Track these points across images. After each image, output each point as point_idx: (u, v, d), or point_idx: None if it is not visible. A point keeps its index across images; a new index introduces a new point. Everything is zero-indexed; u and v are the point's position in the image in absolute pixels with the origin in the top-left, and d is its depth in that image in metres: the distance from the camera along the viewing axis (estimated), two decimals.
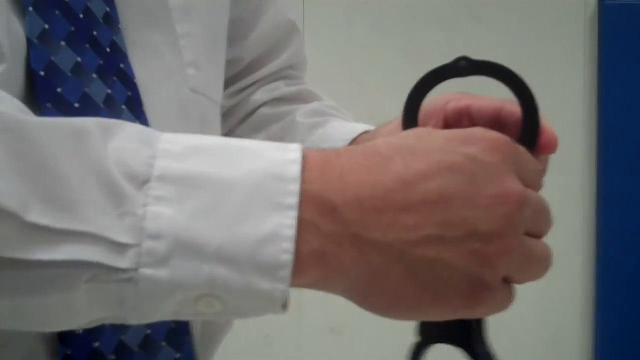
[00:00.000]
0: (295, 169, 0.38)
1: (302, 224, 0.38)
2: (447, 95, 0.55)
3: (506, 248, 0.41)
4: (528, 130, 0.48)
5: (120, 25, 0.55)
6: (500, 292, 0.44)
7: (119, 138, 0.39)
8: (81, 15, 0.52)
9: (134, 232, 0.37)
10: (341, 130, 0.70)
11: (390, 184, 0.39)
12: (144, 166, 0.38)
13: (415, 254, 0.39)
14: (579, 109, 3.28)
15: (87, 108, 0.50)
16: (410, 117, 0.50)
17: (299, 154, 0.40)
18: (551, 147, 0.50)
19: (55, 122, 0.37)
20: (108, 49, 0.54)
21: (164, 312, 0.39)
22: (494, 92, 0.55)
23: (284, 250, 0.38)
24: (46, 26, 0.49)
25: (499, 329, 3.21)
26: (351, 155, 0.41)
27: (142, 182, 0.37)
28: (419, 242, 0.39)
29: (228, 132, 0.80)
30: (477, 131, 0.42)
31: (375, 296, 0.40)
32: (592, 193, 3.28)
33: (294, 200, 0.38)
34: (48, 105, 0.48)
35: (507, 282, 0.44)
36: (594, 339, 3.27)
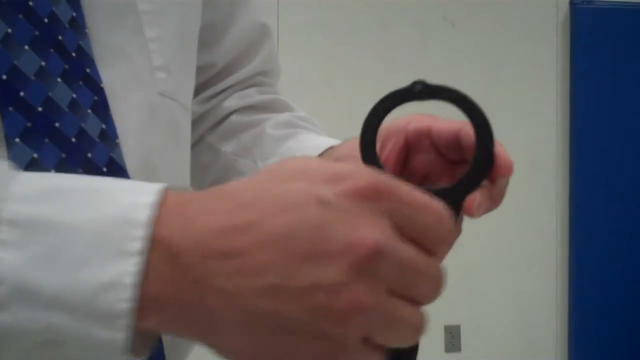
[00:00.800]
0: (145, 214, 0.37)
1: (145, 270, 0.37)
2: (409, 116, 0.55)
3: (356, 304, 0.36)
4: (482, 155, 0.48)
5: (87, 30, 0.55)
6: (360, 354, 0.38)
7: None
8: (46, 20, 0.52)
9: None
10: (308, 144, 0.69)
11: (236, 231, 0.37)
12: None
13: (256, 305, 0.36)
14: (552, 111, 3.31)
15: (51, 112, 0.50)
16: (368, 141, 0.50)
17: (154, 197, 0.38)
18: (507, 170, 0.48)
19: None
20: (74, 54, 0.53)
21: (12, 356, 0.38)
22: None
23: (123, 299, 0.36)
24: (9, 30, 0.49)
25: (474, 331, 3.22)
26: (206, 199, 0.39)
27: None
28: (260, 291, 0.36)
29: (199, 139, 0.80)
30: (347, 172, 0.38)
31: (218, 347, 0.39)
32: (565, 194, 3.31)
33: (138, 246, 0.36)
34: (10, 109, 0.47)
35: (371, 344, 0.38)
36: (569, 339, 3.30)
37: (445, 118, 0.52)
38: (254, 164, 0.75)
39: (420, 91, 0.50)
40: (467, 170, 0.48)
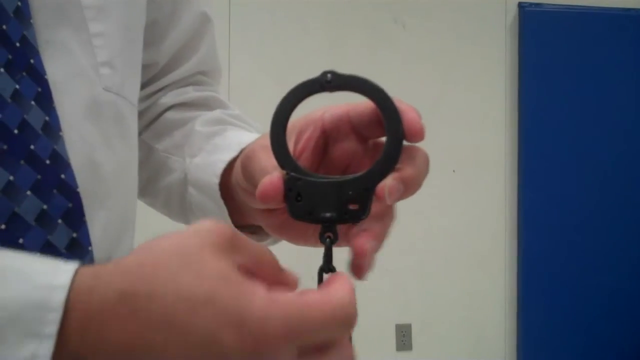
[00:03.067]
0: (60, 297, 0.37)
1: (55, 350, 0.37)
2: (323, 107, 0.54)
3: None
4: (392, 143, 0.48)
5: (32, 21, 0.54)
6: None
7: None
8: None
9: None
10: (232, 140, 0.69)
11: (136, 347, 0.37)
12: None
13: None
14: (501, 112, 3.35)
15: None
16: (277, 132, 0.50)
17: (68, 277, 0.37)
18: (417, 135, 0.48)
19: None
20: (18, 44, 0.52)
21: None
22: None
23: None
24: None
25: (424, 330, 3.25)
26: (107, 303, 0.37)
27: None
28: None
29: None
30: (257, 316, 0.37)
31: None
32: (514, 195, 3.35)
33: (53, 328, 0.36)
34: None
35: None
36: (518, 337, 3.35)
37: (356, 101, 0.52)
38: (183, 161, 0.75)
39: (330, 81, 0.50)
40: (377, 159, 0.49)
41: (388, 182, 0.47)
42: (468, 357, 3.32)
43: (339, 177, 0.49)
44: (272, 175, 0.49)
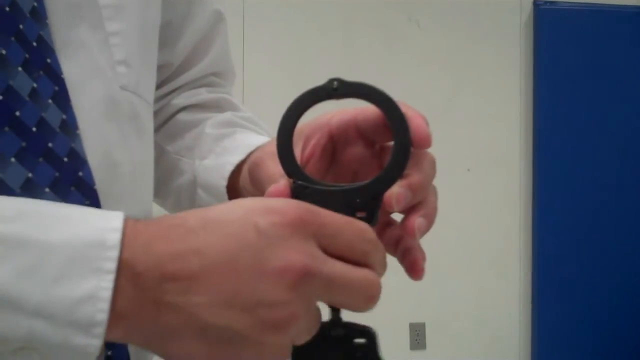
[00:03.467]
0: (115, 237, 0.42)
1: (114, 287, 0.41)
2: (331, 112, 0.55)
3: (293, 317, 0.42)
4: (400, 151, 0.48)
5: (48, 21, 0.55)
6: (287, 353, 0.45)
7: None
8: (7, 9, 0.51)
9: None
10: (241, 143, 0.70)
11: (187, 255, 0.42)
12: None
13: (206, 320, 0.42)
14: (516, 110, 3.34)
15: (12, 101, 0.49)
16: (284, 140, 0.50)
17: (120, 222, 0.42)
18: (423, 143, 0.49)
19: None
20: (35, 43, 0.53)
21: None
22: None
23: (100, 310, 0.41)
24: None
25: (438, 329, 3.24)
26: (159, 227, 0.44)
27: None
28: (209, 307, 0.42)
29: None
30: (278, 205, 0.44)
31: (171, 355, 0.43)
32: (528, 193, 3.34)
33: (112, 265, 0.41)
34: None
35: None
36: (532, 337, 3.34)
37: (363, 106, 0.52)
38: (193, 162, 0.75)
39: (336, 89, 0.50)
40: (384, 167, 0.49)
41: (395, 190, 0.48)
42: (482, 357, 3.31)
43: (346, 185, 0.49)
44: (278, 183, 0.50)
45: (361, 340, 0.48)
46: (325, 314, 0.48)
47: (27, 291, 0.40)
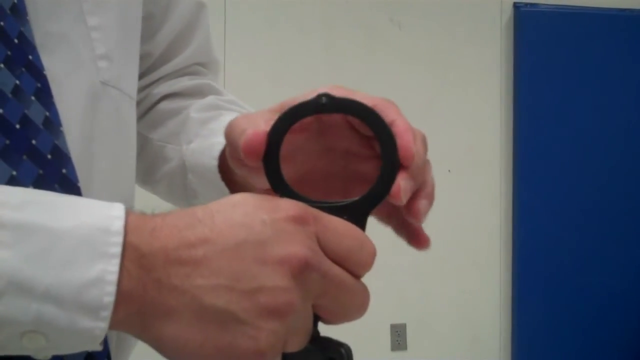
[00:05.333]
0: (119, 224, 0.43)
1: (119, 270, 0.43)
2: (320, 89, 0.54)
3: (290, 304, 0.44)
4: (387, 170, 0.48)
5: (29, 17, 0.55)
6: (281, 347, 0.46)
7: None
8: None
9: None
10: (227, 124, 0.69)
11: (195, 241, 0.44)
12: None
13: (206, 302, 0.43)
14: (496, 112, 3.36)
15: None
16: (271, 155, 0.49)
17: (122, 211, 0.44)
18: (408, 160, 0.50)
19: None
20: (16, 40, 0.52)
21: None
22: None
23: (107, 293, 0.42)
24: None
25: (419, 329, 3.24)
26: (166, 216, 0.45)
27: None
28: (210, 290, 0.43)
29: None
30: (285, 204, 0.46)
31: (167, 340, 0.44)
32: (509, 194, 3.36)
33: (117, 250, 0.42)
34: None
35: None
36: (512, 337, 3.35)
37: (359, 92, 0.52)
38: (180, 148, 0.75)
39: (325, 104, 0.50)
40: (372, 185, 0.49)
41: (402, 185, 0.48)
42: (463, 357, 3.32)
43: (333, 202, 0.49)
44: (257, 127, 0.49)
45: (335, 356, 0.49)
46: None
47: (36, 275, 0.41)
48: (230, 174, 0.66)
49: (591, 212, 3.33)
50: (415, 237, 0.53)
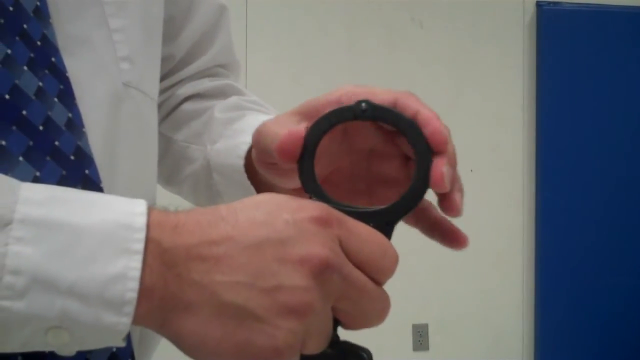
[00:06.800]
0: (142, 220, 0.44)
1: (142, 266, 0.43)
2: (341, 88, 0.54)
3: (310, 305, 0.43)
4: (419, 182, 0.48)
5: (51, 19, 0.55)
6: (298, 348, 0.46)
7: None
8: (11, 9, 0.52)
9: None
10: (252, 123, 0.69)
11: (217, 238, 0.44)
12: (6, 210, 0.41)
13: (226, 298, 0.43)
14: (519, 111, 3.34)
15: (18, 100, 0.50)
16: (306, 159, 0.49)
17: (144, 207, 0.44)
18: (439, 189, 0.49)
19: None
20: (39, 42, 0.53)
21: (14, 343, 0.43)
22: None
23: (130, 289, 0.42)
24: None
25: (441, 330, 3.23)
26: (189, 213, 0.46)
27: (4, 224, 0.41)
28: (231, 287, 0.43)
29: None
30: (309, 205, 0.46)
31: (186, 335, 0.44)
32: (531, 194, 3.34)
33: (140, 246, 0.43)
34: None
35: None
36: (535, 338, 3.33)
37: (377, 88, 0.52)
38: (204, 148, 0.75)
39: (365, 110, 0.50)
40: (404, 193, 0.49)
41: (445, 170, 0.49)
42: (485, 358, 3.31)
43: (361, 208, 0.49)
44: (298, 126, 0.49)
45: None
46: None
47: (61, 271, 0.41)
48: (256, 174, 0.66)
49: (614, 212, 3.30)
50: (452, 237, 0.54)
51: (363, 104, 0.49)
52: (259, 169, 0.56)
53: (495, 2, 3.32)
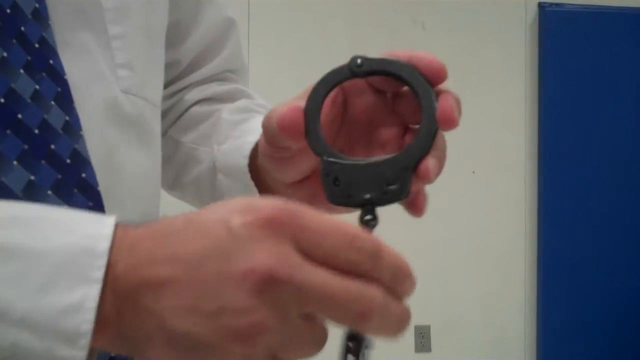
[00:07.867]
0: (105, 245, 0.40)
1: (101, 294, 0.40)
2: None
3: (258, 327, 0.39)
4: (429, 123, 0.47)
5: (50, 22, 0.55)
6: None
7: None
8: (8, 10, 0.51)
9: None
10: (259, 125, 0.69)
11: (162, 257, 0.40)
12: None
13: (172, 325, 0.39)
14: (521, 113, 3.33)
15: (14, 103, 0.49)
16: (311, 121, 0.49)
17: (111, 229, 0.41)
18: (450, 124, 0.48)
19: None
20: (37, 45, 0.53)
21: None
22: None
23: (86, 321, 0.39)
24: None
25: (443, 331, 3.23)
26: (149, 228, 0.42)
27: None
28: (175, 313, 0.39)
29: (162, 134, 0.79)
30: (260, 205, 0.41)
31: None
32: (534, 196, 3.34)
33: (100, 274, 0.40)
34: None
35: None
36: (537, 339, 3.33)
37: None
38: (211, 150, 0.75)
39: (360, 65, 0.49)
40: (414, 139, 0.48)
41: (431, 162, 0.47)
42: (487, 359, 3.30)
43: (376, 159, 0.48)
44: (291, 103, 0.49)
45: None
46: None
47: (12, 301, 0.39)
48: (259, 173, 0.65)
49: (617, 213, 3.29)
50: (412, 203, 0.50)
51: (358, 60, 0.49)
52: (263, 161, 0.55)
53: (497, 3, 3.31)
